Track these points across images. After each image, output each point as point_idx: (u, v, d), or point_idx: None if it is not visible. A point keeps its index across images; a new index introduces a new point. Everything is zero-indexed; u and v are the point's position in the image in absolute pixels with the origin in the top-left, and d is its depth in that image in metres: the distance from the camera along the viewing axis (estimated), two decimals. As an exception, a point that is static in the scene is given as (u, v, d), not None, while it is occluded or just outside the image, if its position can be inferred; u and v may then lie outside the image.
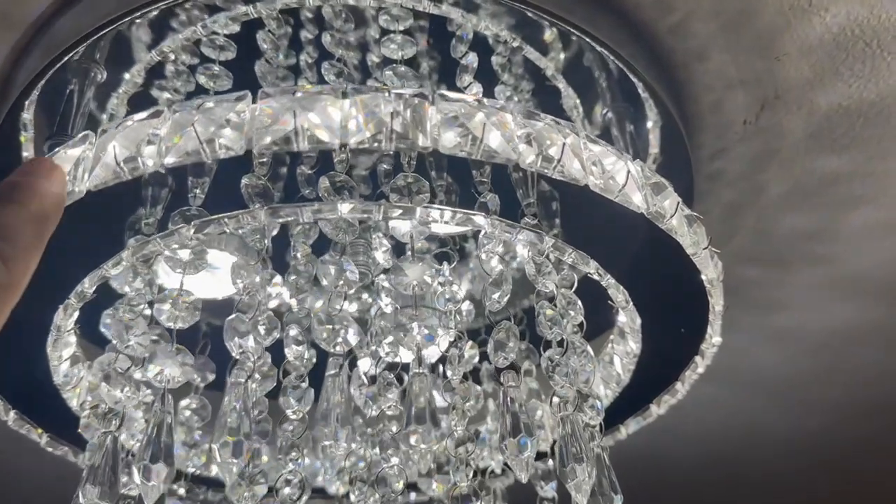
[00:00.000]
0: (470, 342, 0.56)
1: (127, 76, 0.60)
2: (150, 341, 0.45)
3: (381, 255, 0.57)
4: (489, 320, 0.50)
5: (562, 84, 0.63)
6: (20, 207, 0.32)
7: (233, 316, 0.44)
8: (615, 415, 0.71)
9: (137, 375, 0.47)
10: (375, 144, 0.40)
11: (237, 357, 0.44)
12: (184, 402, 0.66)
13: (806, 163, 0.69)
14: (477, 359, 0.57)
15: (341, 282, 0.45)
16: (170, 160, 0.39)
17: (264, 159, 0.46)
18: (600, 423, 0.51)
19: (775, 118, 0.64)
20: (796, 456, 1.25)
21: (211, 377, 0.60)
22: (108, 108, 0.62)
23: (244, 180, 0.46)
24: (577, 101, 0.65)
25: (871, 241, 0.79)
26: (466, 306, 0.65)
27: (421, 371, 0.43)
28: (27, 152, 0.63)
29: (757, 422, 1.16)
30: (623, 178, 0.44)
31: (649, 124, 0.64)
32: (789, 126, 0.65)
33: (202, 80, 0.57)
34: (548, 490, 0.63)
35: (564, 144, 0.42)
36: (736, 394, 1.08)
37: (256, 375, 0.49)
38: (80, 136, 0.43)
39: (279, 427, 0.49)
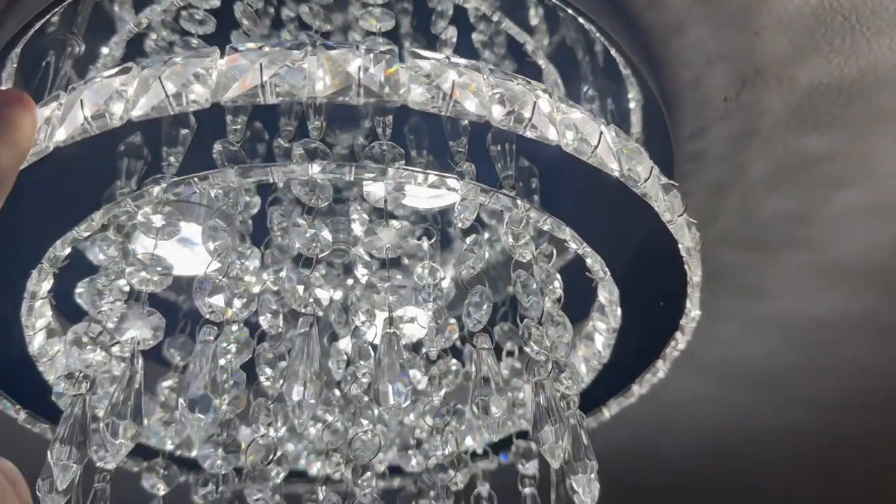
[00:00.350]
0: (452, 320, 0.56)
1: (105, 50, 0.60)
2: (123, 305, 0.45)
3: (359, 227, 0.57)
4: (462, 284, 0.49)
5: (542, 61, 0.63)
6: None
7: (202, 275, 0.44)
8: (598, 396, 0.71)
9: (110, 344, 0.47)
10: (345, 99, 0.40)
11: (207, 317, 0.44)
12: (164, 383, 0.66)
13: (788, 142, 0.69)
14: (456, 336, 0.57)
15: (314, 244, 0.45)
16: (136, 113, 0.39)
17: (238, 125, 0.46)
18: (577, 396, 0.51)
19: (756, 95, 0.64)
20: (785, 450, 1.25)
21: (189, 358, 0.60)
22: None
23: (216, 145, 0.46)
24: (559, 80, 0.65)
25: (855, 224, 0.79)
26: (446, 283, 0.65)
27: (392, 330, 0.42)
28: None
29: (745, 415, 1.15)
30: (596, 139, 0.44)
31: (631, 104, 0.64)
32: (770, 103, 0.65)
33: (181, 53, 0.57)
34: (529, 468, 0.63)
35: (536, 104, 0.42)
36: (724, 386, 1.07)
37: (231, 342, 0.49)
38: (51, 96, 0.43)
39: (251, 393, 0.48)
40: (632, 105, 0.64)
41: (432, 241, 0.60)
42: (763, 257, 0.83)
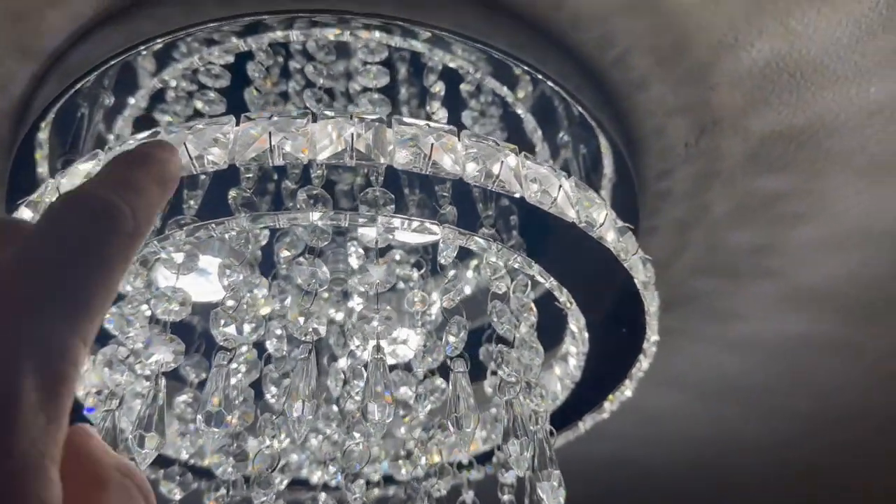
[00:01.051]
0: (440, 342, 0.63)
1: (132, 101, 0.68)
2: (147, 330, 0.52)
3: (355, 261, 0.64)
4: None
5: (521, 111, 0.71)
6: (148, 168, 0.36)
7: (218, 308, 0.51)
8: (576, 412, 0.77)
9: (136, 365, 0.54)
10: (340, 161, 0.47)
11: (221, 344, 0.51)
12: (180, 398, 0.73)
13: (746, 183, 0.76)
14: (442, 357, 0.64)
15: (314, 280, 0.52)
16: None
17: (250, 174, 0.54)
18: (546, 412, 0.58)
19: (714, 142, 0.71)
20: (762, 459, 1.31)
21: (204, 375, 0.67)
22: (114, 130, 0.70)
23: (231, 192, 0.54)
24: (537, 127, 0.73)
25: (815, 255, 0.85)
26: (436, 308, 0.72)
27: (378, 356, 0.50)
28: (41, 169, 0.71)
29: (729, 430, 1.22)
30: (556, 191, 0.51)
31: (602, 149, 0.72)
32: (728, 149, 0.72)
33: (199, 105, 0.64)
34: (507, 476, 0.70)
35: (502, 162, 0.49)
36: (704, 402, 1.14)
37: (241, 363, 0.56)
38: (90, 153, 0.51)
39: (258, 409, 0.56)
40: (603, 150, 0.71)
41: (422, 271, 0.67)
42: (732, 284, 0.90)
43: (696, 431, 1.22)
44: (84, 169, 0.51)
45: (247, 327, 0.57)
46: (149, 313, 0.58)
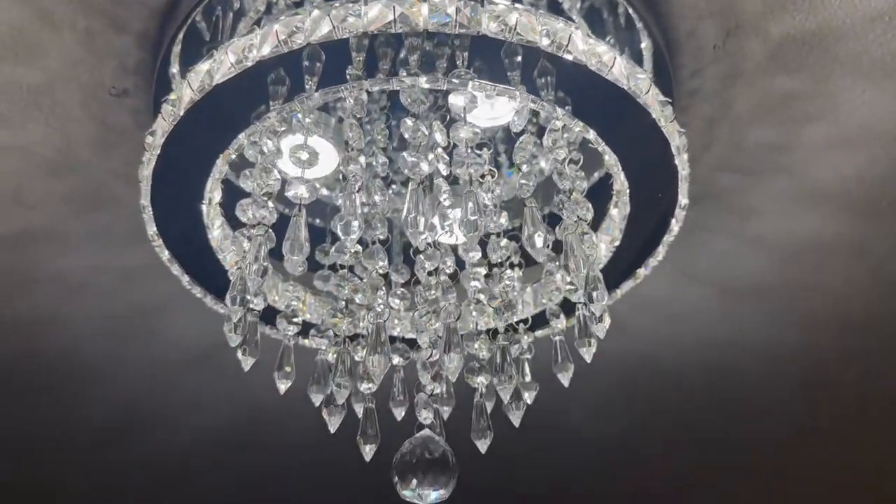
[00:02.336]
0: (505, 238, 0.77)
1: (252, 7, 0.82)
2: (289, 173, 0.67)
3: (439, 136, 0.79)
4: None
5: (576, 16, 0.84)
6: None
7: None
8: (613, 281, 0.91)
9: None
10: (445, 30, 0.61)
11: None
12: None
13: (765, 83, 0.89)
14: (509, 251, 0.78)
15: (418, 133, 0.66)
16: (313, 39, 0.61)
17: (361, 57, 0.68)
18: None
19: (738, 44, 0.84)
20: (777, 369, 1.43)
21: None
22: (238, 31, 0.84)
23: (349, 69, 0.68)
24: (588, 31, 0.86)
25: (825, 154, 0.98)
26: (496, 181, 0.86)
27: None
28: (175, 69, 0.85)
29: (742, 332, 1.34)
30: (611, 61, 0.65)
31: (644, 53, 0.85)
32: (750, 51, 0.85)
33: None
34: (558, 323, 0.84)
35: (571, 35, 0.63)
36: (724, 300, 1.26)
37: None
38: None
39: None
40: (644, 53, 0.85)
41: (490, 150, 0.82)
42: (750, 181, 1.03)
43: (712, 333, 1.34)
44: (203, 68, 0.66)
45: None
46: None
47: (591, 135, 0.70)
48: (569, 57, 0.64)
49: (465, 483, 0.73)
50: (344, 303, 0.77)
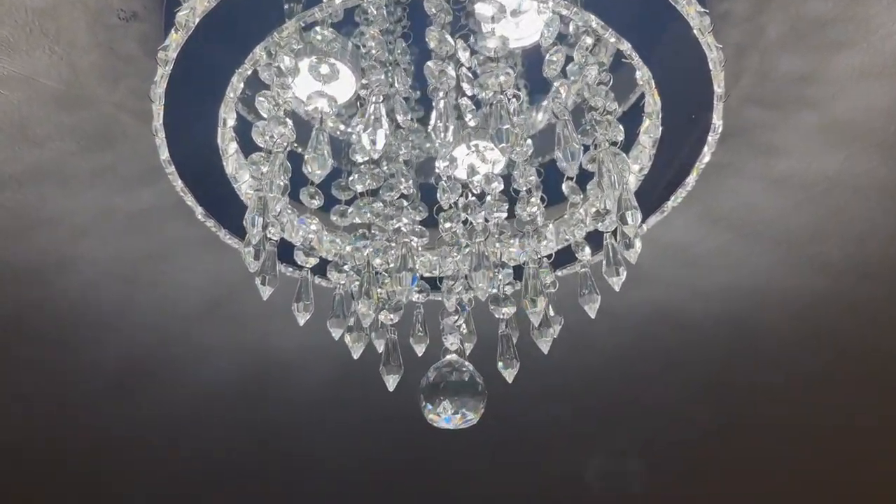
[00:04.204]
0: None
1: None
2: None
3: (463, 55, 0.76)
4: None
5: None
6: None
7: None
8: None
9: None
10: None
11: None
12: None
13: (798, 6, 0.85)
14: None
15: (445, 41, 0.63)
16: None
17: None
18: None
19: (772, -38, 0.80)
20: (800, 319, 1.41)
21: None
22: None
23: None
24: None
25: (856, 85, 0.95)
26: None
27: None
28: None
29: (765, 280, 1.32)
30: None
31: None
32: (784, -30, 0.82)
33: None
34: (584, 253, 0.82)
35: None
36: (745, 247, 1.24)
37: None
38: None
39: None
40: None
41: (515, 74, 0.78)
42: (778, 116, 1.00)
43: (732, 279, 1.32)
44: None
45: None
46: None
47: (625, 46, 0.67)
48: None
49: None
50: (367, 229, 0.75)
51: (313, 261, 0.82)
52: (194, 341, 1.39)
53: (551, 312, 0.80)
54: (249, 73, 0.69)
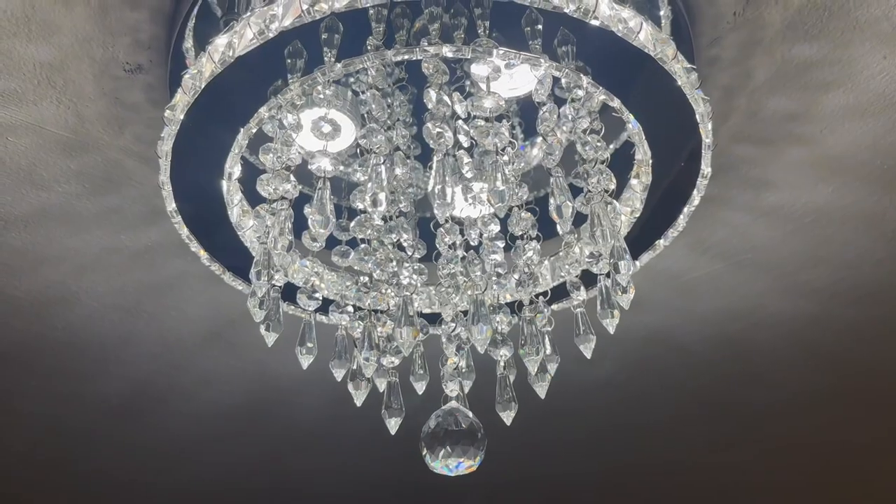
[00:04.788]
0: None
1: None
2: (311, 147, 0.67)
3: (460, 108, 0.78)
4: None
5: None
6: None
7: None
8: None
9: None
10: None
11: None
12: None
13: (784, 50, 0.88)
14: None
15: (442, 103, 0.66)
16: (337, 6, 0.60)
17: (381, 27, 0.68)
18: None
19: (758, 10, 0.83)
20: (787, 337, 1.43)
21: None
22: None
23: (369, 41, 0.68)
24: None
25: (842, 122, 0.98)
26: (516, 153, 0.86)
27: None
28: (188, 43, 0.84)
29: (756, 305, 1.34)
30: (637, 27, 0.64)
31: (663, 20, 0.84)
32: (769, 18, 0.84)
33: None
34: (579, 294, 0.84)
35: (598, 2, 0.62)
36: (738, 274, 1.26)
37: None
38: (225, 28, 0.65)
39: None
40: (663, 21, 0.84)
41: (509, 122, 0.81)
42: (767, 152, 1.02)
43: (725, 305, 1.35)
44: (224, 41, 0.65)
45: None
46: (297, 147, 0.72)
47: (616, 103, 0.70)
48: (595, 22, 0.63)
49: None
50: (368, 277, 0.77)
51: (315, 304, 0.84)
52: (195, 370, 1.41)
53: (548, 350, 0.83)
54: (255, 130, 0.71)
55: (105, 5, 0.79)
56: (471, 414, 0.69)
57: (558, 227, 0.83)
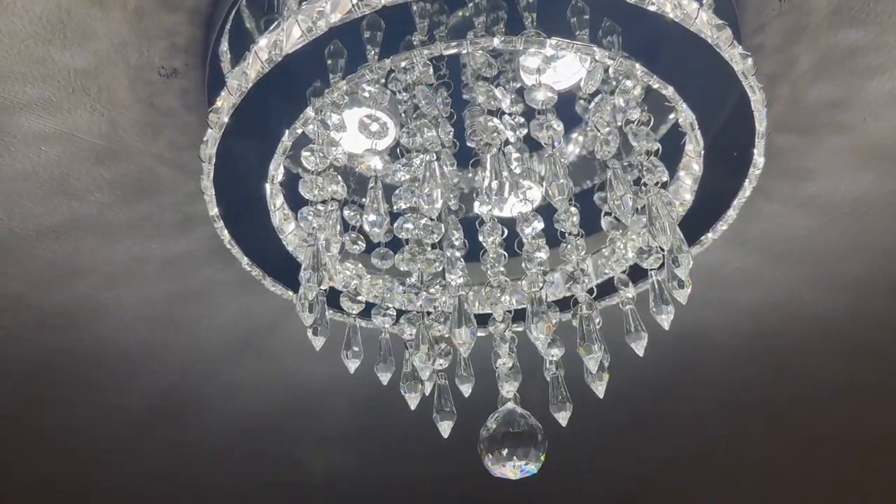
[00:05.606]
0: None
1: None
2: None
3: (506, 103, 0.76)
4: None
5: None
6: None
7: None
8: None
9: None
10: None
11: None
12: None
13: (829, 37, 0.86)
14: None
15: (492, 96, 0.64)
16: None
17: (425, 23, 0.66)
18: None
19: (804, -4, 0.81)
20: (828, 335, 1.41)
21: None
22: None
23: (415, 36, 0.66)
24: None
25: (886, 109, 0.96)
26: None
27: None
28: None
29: (793, 297, 1.32)
30: (694, 12, 0.62)
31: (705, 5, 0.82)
32: (816, 3, 0.82)
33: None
34: (625, 288, 0.82)
35: (654, -14, 0.60)
36: (775, 266, 1.24)
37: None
38: (269, 28, 0.63)
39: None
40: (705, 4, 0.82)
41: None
42: (808, 140, 1.00)
43: (762, 298, 1.32)
44: (270, 39, 0.64)
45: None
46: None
47: (669, 91, 0.68)
48: (652, 8, 0.62)
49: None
50: (416, 278, 0.75)
51: (359, 307, 0.82)
52: (223, 379, 1.39)
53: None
54: (300, 132, 0.70)
55: (142, 9, 0.77)
56: (529, 415, 0.67)
57: (604, 223, 0.82)
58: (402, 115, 0.80)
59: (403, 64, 0.65)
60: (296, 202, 0.78)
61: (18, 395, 1.35)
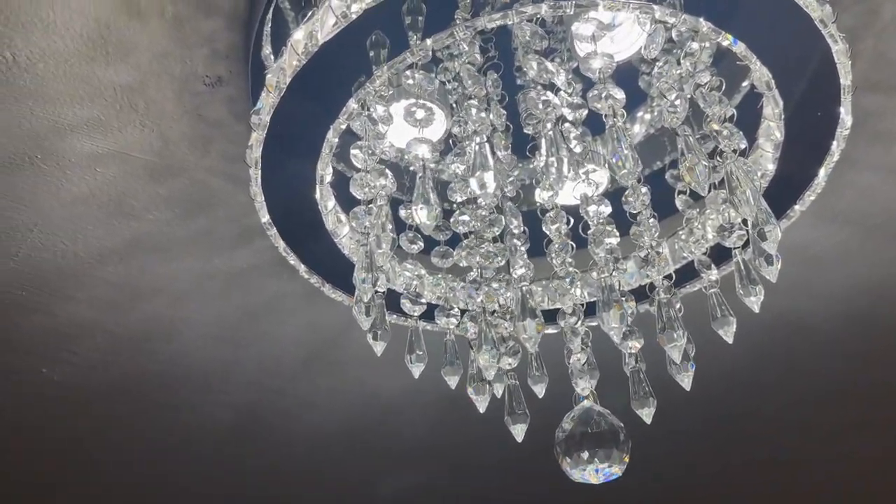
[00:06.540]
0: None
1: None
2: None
3: (561, 79, 0.71)
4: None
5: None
6: None
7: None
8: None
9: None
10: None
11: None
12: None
13: (917, -21, 0.78)
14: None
15: (544, 69, 0.59)
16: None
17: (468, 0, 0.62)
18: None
19: (885, -63, 0.74)
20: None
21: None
22: None
23: (456, 14, 0.62)
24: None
25: (984, 57, 0.86)
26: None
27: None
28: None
29: (887, 274, 1.22)
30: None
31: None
32: (898, -57, 0.75)
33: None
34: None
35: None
36: (868, 240, 1.15)
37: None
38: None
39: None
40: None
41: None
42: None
43: (855, 278, 1.23)
44: (305, 30, 0.61)
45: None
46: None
47: (741, 48, 0.62)
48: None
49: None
50: (477, 273, 0.71)
51: (421, 308, 0.78)
52: (296, 393, 1.38)
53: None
54: (344, 126, 0.67)
55: (180, 16, 0.76)
56: (609, 413, 0.61)
57: (678, 202, 0.76)
58: (454, 105, 0.77)
59: (448, 44, 0.61)
60: (351, 206, 0.75)
61: (97, 421, 1.36)
